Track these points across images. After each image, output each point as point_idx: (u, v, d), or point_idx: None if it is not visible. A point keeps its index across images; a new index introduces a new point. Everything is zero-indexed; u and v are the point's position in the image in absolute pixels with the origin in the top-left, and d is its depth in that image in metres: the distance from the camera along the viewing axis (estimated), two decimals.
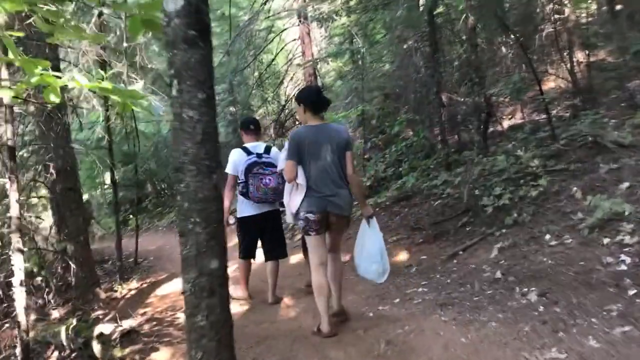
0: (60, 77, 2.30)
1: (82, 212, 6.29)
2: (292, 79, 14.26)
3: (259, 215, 4.85)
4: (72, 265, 5.89)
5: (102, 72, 6.28)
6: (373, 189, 8.74)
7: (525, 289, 3.76)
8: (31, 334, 5.23)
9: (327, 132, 3.67)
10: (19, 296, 3.89)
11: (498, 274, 4.20)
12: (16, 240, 3.87)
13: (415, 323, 3.66)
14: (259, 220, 4.88)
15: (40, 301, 6.46)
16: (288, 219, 3.93)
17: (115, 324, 4.54)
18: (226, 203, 4.64)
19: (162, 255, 9.85)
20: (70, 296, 6.37)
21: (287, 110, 14.42)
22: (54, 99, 2.27)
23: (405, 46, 8.83)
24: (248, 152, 4.80)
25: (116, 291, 6.57)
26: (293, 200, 3.71)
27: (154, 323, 4.83)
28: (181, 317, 4.95)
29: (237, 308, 4.84)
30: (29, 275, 6.51)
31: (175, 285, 6.61)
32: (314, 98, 3.74)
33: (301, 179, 3.62)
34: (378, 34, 11.29)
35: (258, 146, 4.89)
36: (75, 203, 6.22)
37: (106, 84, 2.24)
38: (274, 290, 4.99)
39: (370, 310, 4.23)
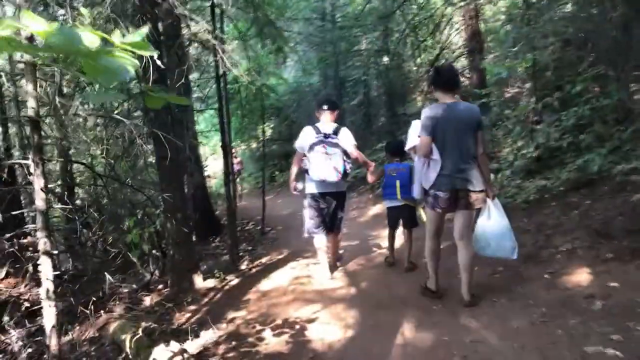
0: None
1: (180, 186, 5.46)
2: (449, 23, 12.28)
3: (324, 193, 5.00)
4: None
5: None
6: (542, 162, 6.82)
7: None
8: (113, 326, 4.59)
9: (460, 111, 3.68)
10: (48, 312, 3.05)
11: None
12: (44, 242, 3.00)
13: None
14: (323, 199, 5.03)
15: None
16: (416, 193, 4.12)
17: (181, 347, 3.57)
18: (291, 171, 5.20)
19: (292, 225, 8.98)
20: (165, 279, 5.69)
21: (442, 60, 12.56)
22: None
23: None
24: (317, 131, 4.89)
25: (218, 277, 5.72)
26: (426, 176, 3.80)
27: (233, 343, 3.80)
28: (268, 336, 3.86)
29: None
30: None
31: (281, 277, 5.57)
32: (444, 79, 3.77)
33: (436, 155, 3.69)
34: None
35: (328, 126, 4.95)
36: (175, 176, 5.41)
37: None
38: (335, 252, 5.54)
39: None
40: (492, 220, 3.80)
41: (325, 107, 5.05)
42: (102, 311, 5.12)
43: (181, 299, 5.14)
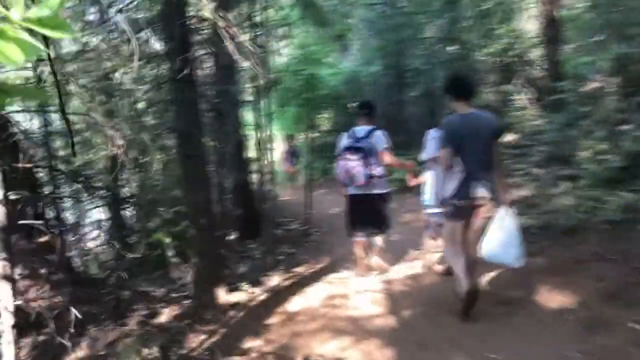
0: None
1: (205, 187, 4.88)
2: (523, 9, 11.16)
3: (357, 195, 5.02)
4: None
5: None
6: (628, 171, 5.79)
7: None
8: (121, 345, 4.09)
9: (478, 121, 3.72)
10: (7, 352, 2.51)
11: None
12: (2, 265, 2.46)
13: None
14: (357, 200, 5.06)
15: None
16: (432, 203, 4.49)
17: None
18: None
19: (337, 227, 8.27)
20: (186, 293, 5.15)
21: (516, 50, 11.49)
22: None
23: None
24: (350, 136, 4.99)
25: (246, 290, 5.11)
26: (446, 186, 3.84)
27: None
28: None
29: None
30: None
31: (315, 294, 4.91)
32: (458, 88, 3.82)
33: (456, 166, 3.72)
34: None
35: (362, 129, 4.99)
36: (199, 176, 4.83)
37: None
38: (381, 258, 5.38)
39: None
40: (504, 228, 3.80)
41: (364, 111, 5.17)
42: (120, 320, 4.67)
43: (199, 316, 4.58)
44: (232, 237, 8.40)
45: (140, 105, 5.63)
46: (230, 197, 8.79)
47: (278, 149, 21.55)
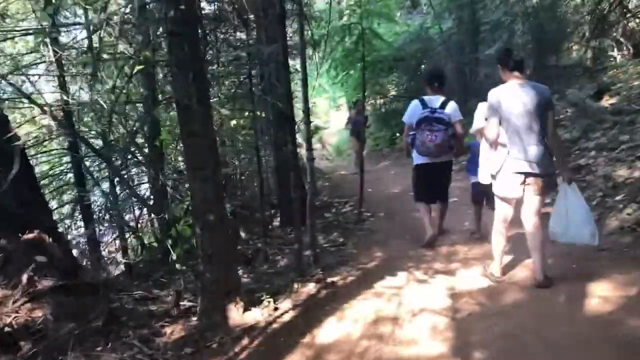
0: None
1: (213, 175, 3.75)
2: None
3: (429, 164, 5.10)
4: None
5: None
6: None
7: None
8: None
9: (528, 92, 3.56)
10: None
11: None
12: None
13: None
14: (428, 169, 5.14)
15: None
16: (482, 179, 4.16)
17: None
18: (405, 147, 5.52)
19: (396, 211, 7.04)
20: (188, 309, 4.10)
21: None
22: None
23: None
24: (424, 105, 4.98)
25: (268, 305, 3.99)
26: (493, 160, 3.75)
27: None
28: None
29: None
30: None
31: (357, 313, 3.74)
32: (513, 62, 3.65)
33: (503, 139, 3.62)
34: None
35: (435, 99, 5.01)
36: (204, 159, 3.72)
37: None
38: (441, 224, 5.47)
39: None
40: (570, 204, 3.66)
41: (437, 84, 5.13)
42: (111, 340, 3.72)
43: (205, 341, 3.54)
44: (274, 224, 7.38)
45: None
46: (274, 177, 7.74)
47: (340, 118, 20.44)
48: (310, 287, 4.37)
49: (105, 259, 7.76)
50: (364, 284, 4.38)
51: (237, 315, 3.77)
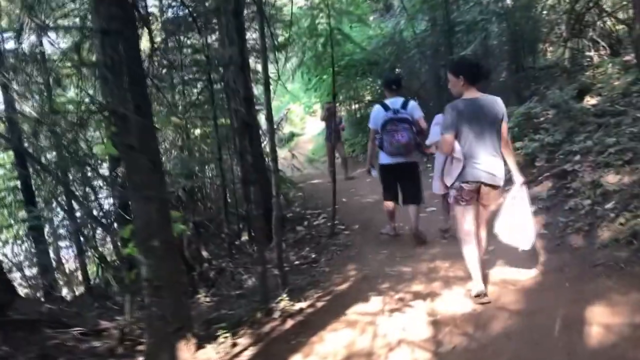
0: None
1: (157, 195, 3.25)
2: None
3: (394, 164, 5.33)
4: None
5: None
6: None
7: None
8: None
9: (484, 105, 3.62)
10: None
11: None
12: None
13: None
14: (394, 169, 5.38)
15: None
16: (435, 189, 4.96)
17: None
18: (369, 153, 5.78)
19: (372, 223, 6.59)
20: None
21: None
22: None
23: None
24: (386, 108, 5.24)
25: (224, 341, 3.48)
26: (449, 172, 3.79)
27: None
28: None
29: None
30: None
31: (329, 346, 3.29)
32: (474, 70, 3.72)
33: (458, 153, 3.64)
34: None
35: (396, 101, 5.30)
36: (145, 177, 3.22)
37: None
38: (417, 225, 5.41)
39: None
40: (516, 209, 3.76)
41: (394, 87, 5.44)
42: None
43: None
44: (242, 239, 6.88)
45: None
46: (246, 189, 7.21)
47: (315, 124, 19.96)
48: (275, 316, 3.89)
49: (60, 282, 7.21)
50: (335, 310, 3.92)
51: (188, 354, 3.26)
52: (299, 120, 23.62)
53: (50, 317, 4.10)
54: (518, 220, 3.74)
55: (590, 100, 7.46)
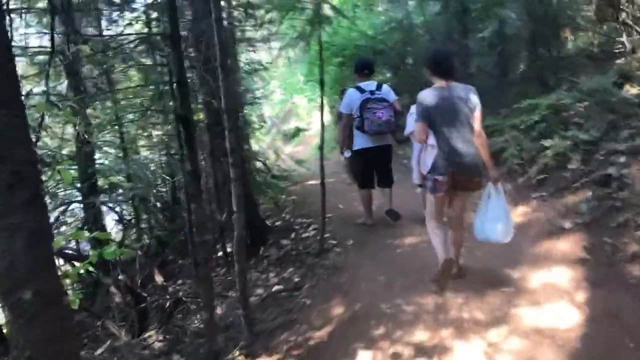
0: None
1: (36, 225, 2.20)
2: None
3: (374, 147, 5.32)
4: None
5: None
6: None
7: None
8: None
9: (456, 93, 3.63)
10: None
11: None
12: None
13: None
14: (374, 152, 5.35)
15: None
16: (415, 179, 5.03)
17: None
18: (341, 139, 5.62)
19: (369, 238, 5.49)
20: None
21: None
22: None
23: None
24: (362, 91, 5.24)
25: None
26: (424, 161, 4.02)
27: None
28: None
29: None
30: None
31: None
32: (442, 66, 3.72)
33: (432, 141, 3.77)
34: None
35: (370, 84, 5.34)
36: (7, 203, 2.17)
37: None
38: (391, 204, 5.53)
39: None
40: (491, 204, 3.71)
41: (366, 71, 5.48)
42: None
43: None
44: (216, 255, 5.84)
45: None
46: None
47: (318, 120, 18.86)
48: None
49: None
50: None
51: None
52: (305, 114, 22.55)
53: None
54: (494, 214, 3.69)
55: (630, 90, 6.29)
